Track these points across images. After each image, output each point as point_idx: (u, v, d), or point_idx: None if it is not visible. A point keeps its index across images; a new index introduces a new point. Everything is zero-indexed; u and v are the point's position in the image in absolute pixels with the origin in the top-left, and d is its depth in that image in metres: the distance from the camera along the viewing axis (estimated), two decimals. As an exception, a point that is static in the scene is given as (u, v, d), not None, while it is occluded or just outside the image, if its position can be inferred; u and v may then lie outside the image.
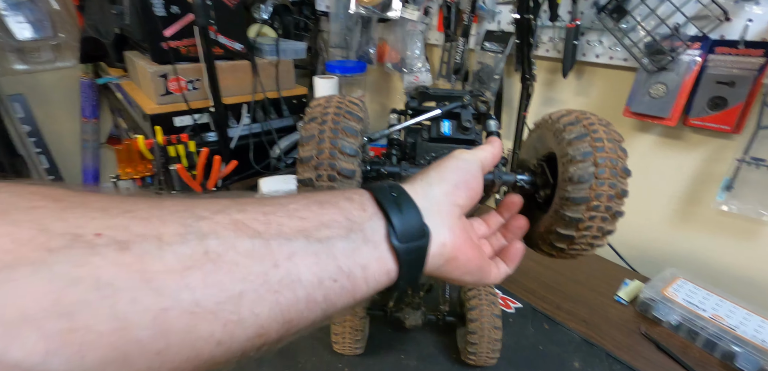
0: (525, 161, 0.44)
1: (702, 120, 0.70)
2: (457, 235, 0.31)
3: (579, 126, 0.35)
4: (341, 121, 0.36)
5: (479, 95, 0.46)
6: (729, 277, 0.76)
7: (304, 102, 1.37)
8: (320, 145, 0.35)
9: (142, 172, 1.02)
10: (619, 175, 0.33)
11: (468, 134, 0.42)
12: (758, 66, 0.64)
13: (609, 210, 0.33)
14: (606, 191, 0.33)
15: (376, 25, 1.25)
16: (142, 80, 1.23)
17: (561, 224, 0.35)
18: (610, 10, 0.74)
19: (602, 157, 0.33)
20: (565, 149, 0.35)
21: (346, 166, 0.35)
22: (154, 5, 1.05)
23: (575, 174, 0.33)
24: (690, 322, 0.66)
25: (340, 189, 0.30)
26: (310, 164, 0.35)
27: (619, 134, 0.35)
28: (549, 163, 0.39)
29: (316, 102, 0.39)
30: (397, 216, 0.27)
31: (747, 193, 0.69)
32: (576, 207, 0.34)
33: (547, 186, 0.38)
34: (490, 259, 0.37)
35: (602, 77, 0.85)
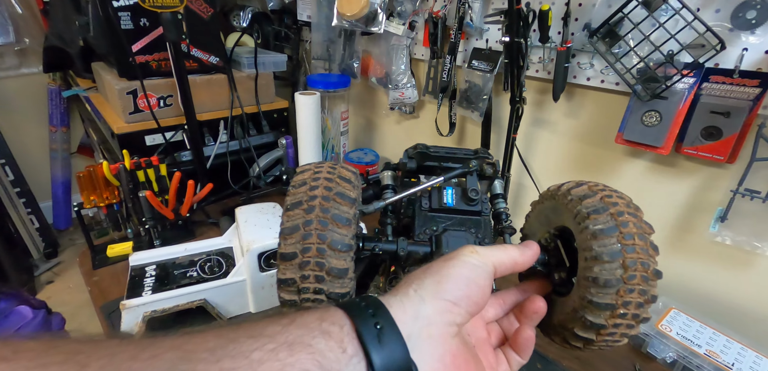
0: (535, 231, 0.40)
1: (696, 149, 0.68)
2: (448, 364, 0.27)
3: (606, 215, 0.30)
4: (331, 207, 0.30)
5: (486, 157, 0.42)
6: (722, 308, 0.75)
7: (286, 116, 1.31)
8: (306, 239, 0.29)
9: (108, 199, 0.95)
10: (650, 279, 0.29)
11: (474, 205, 0.38)
12: (754, 96, 0.63)
13: (636, 318, 0.29)
14: (635, 299, 0.29)
15: (359, 37, 1.20)
16: (109, 96, 1.15)
17: (580, 326, 0.31)
18: (602, 34, 0.72)
19: (632, 260, 0.29)
20: (589, 242, 0.30)
21: (338, 265, 0.30)
22: (120, 18, 0.98)
23: (601, 276, 0.29)
24: (685, 360, 0.64)
25: (316, 309, 0.26)
26: (294, 263, 0.30)
27: (649, 225, 0.31)
28: (563, 238, 0.35)
29: (300, 177, 0.33)
30: (378, 356, 0.23)
31: (741, 224, 0.67)
32: (599, 312, 0.30)
33: (562, 266, 0.34)
34: (496, 351, 0.33)
35: (593, 100, 0.82)
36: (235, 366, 0.19)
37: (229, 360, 0.20)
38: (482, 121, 0.95)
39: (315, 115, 1.10)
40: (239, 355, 0.20)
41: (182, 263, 0.83)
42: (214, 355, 0.20)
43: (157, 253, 0.83)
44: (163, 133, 1.08)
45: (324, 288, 0.30)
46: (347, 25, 1.08)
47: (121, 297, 0.72)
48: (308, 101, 1.08)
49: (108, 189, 0.96)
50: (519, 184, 1.00)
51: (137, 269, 0.80)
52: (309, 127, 1.11)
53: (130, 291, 0.74)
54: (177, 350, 0.19)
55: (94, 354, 0.18)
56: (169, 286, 0.75)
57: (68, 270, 2.16)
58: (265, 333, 0.22)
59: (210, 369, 0.19)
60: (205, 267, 0.82)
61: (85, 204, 0.93)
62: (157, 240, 0.97)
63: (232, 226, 0.92)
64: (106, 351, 0.18)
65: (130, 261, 0.81)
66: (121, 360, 0.18)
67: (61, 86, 2.01)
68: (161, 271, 0.79)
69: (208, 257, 0.85)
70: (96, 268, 0.91)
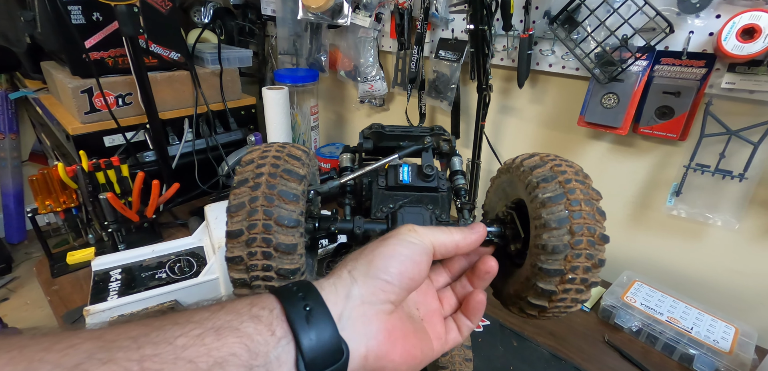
0: (494, 205, 0.41)
1: (651, 128, 0.72)
2: (382, 341, 0.27)
3: (554, 183, 0.31)
4: (278, 184, 0.30)
5: (441, 133, 0.42)
6: (681, 277, 0.80)
7: (254, 113, 1.29)
8: (252, 216, 0.29)
9: (66, 203, 0.90)
10: (597, 243, 0.30)
11: (430, 181, 0.38)
12: (700, 76, 0.67)
13: (584, 282, 0.30)
14: (582, 263, 0.30)
15: (326, 31, 1.19)
16: (62, 95, 1.09)
17: (532, 294, 0.32)
18: (561, 21, 0.74)
19: (579, 225, 0.30)
20: (538, 210, 0.31)
21: (285, 240, 0.29)
22: (70, 13, 0.93)
23: (549, 243, 0.30)
24: (649, 327, 0.68)
25: (249, 296, 0.25)
26: (241, 240, 0.29)
27: (597, 192, 0.32)
28: (519, 211, 0.36)
29: (248, 156, 0.33)
30: (307, 337, 0.23)
31: (694, 198, 0.71)
32: (549, 279, 0.31)
33: (518, 238, 0.35)
34: (446, 320, 0.34)
35: (557, 85, 0.85)
36: (157, 352, 0.19)
37: (151, 346, 0.19)
38: (451, 110, 0.97)
39: (284, 111, 1.09)
40: (162, 342, 0.20)
41: (150, 265, 0.80)
42: (136, 342, 0.19)
43: (122, 256, 0.80)
44: (123, 133, 1.03)
45: (272, 264, 0.29)
46: (313, 18, 1.07)
47: (85, 305, 0.69)
48: (276, 96, 1.06)
49: (65, 193, 0.91)
50: (489, 170, 1.03)
51: (101, 274, 0.76)
52: (278, 122, 1.09)
53: (93, 297, 0.70)
54: (97, 340, 0.19)
55: (4, 347, 0.17)
56: (136, 289, 0.72)
57: (24, 286, 2.04)
58: (193, 320, 0.22)
59: (130, 356, 0.18)
60: (175, 267, 0.80)
61: (40, 209, 0.88)
62: (121, 244, 0.93)
63: (202, 225, 0.90)
64: (18, 344, 0.18)
65: (92, 266, 0.77)
66: (34, 352, 0.17)
67: (8, 89, 1.88)
68: (127, 275, 0.76)
69: (177, 257, 0.82)
70: (55, 277, 0.86)
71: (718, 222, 0.70)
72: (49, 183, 0.89)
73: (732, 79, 0.63)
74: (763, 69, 0.61)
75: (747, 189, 0.67)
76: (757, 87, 0.62)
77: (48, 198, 0.89)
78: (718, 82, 0.66)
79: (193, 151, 1.15)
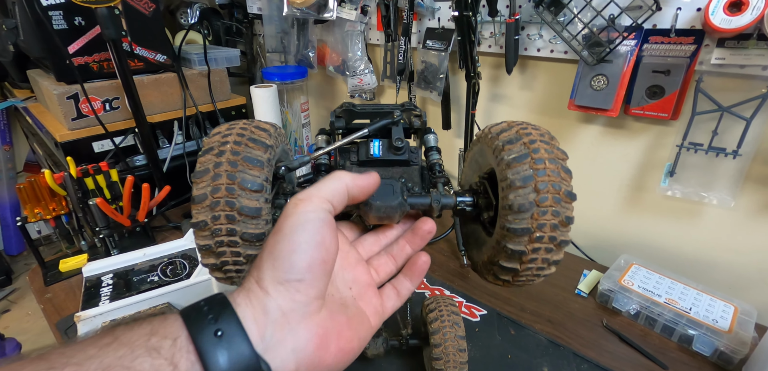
0: (469, 178, 0.41)
1: (642, 109, 0.71)
2: (314, 349, 0.25)
3: (519, 145, 0.31)
4: (243, 151, 0.30)
5: (412, 109, 0.42)
6: (678, 257, 0.79)
7: (244, 112, 1.28)
8: (216, 180, 0.29)
9: (55, 211, 0.90)
10: (563, 200, 0.30)
11: (401, 153, 0.38)
12: (690, 53, 0.66)
13: (553, 241, 0.30)
14: (549, 220, 0.29)
15: (313, 27, 1.18)
16: (49, 103, 1.08)
17: (503, 256, 0.32)
18: (547, 3, 0.73)
19: (544, 182, 0.30)
20: (504, 172, 0.31)
21: (249, 204, 0.29)
22: (51, 18, 0.91)
23: (515, 202, 0.30)
24: (647, 309, 0.68)
25: (149, 322, 0.22)
26: (205, 204, 0.29)
27: (562, 151, 0.32)
28: (491, 181, 0.35)
29: (216, 130, 0.33)
30: (218, 368, 0.21)
31: (688, 177, 0.71)
32: (517, 239, 0.30)
33: (491, 207, 0.35)
34: (381, 289, 0.33)
35: (545, 70, 0.84)
36: None
37: None
38: (441, 100, 0.96)
39: (274, 109, 1.08)
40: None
41: (142, 269, 0.79)
42: None
43: (113, 261, 0.79)
44: (112, 138, 1.02)
45: (236, 228, 0.29)
46: (299, 14, 1.06)
47: (77, 311, 0.68)
48: (265, 94, 1.05)
49: (54, 201, 0.90)
50: (481, 159, 1.02)
51: (92, 279, 0.76)
52: (268, 121, 1.08)
53: (85, 303, 0.70)
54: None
55: None
56: (128, 293, 0.72)
57: (25, 297, 2.03)
58: (73, 360, 0.19)
59: None
60: (167, 270, 0.79)
61: (30, 218, 0.87)
62: (114, 249, 0.92)
63: (193, 227, 0.89)
64: None
65: (83, 272, 0.77)
66: None
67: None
68: (119, 279, 0.76)
69: (170, 260, 0.81)
70: (48, 285, 0.86)
71: (714, 200, 0.69)
72: (37, 190, 0.88)
73: (721, 54, 0.62)
74: (752, 42, 0.60)
75: (741, 165, 0.66)
76: (747, 61, 0.61)
77: (37, 206, 0.89)
78: (707, 58, 0.64)
79: (184, 153, 1.14)
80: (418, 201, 0.34)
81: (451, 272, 0.83)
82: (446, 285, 0.78)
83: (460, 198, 0.36)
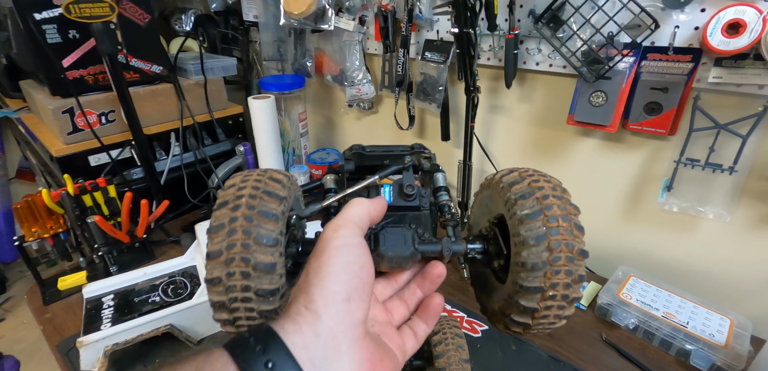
0: (478, 220, 0.41)
1: (640, 124, 0.72)
2: (362, 366, 0.25)
3: (531, 200, 0.31)
4: (258, 204, 0.30)
5: (421, 151, 0.42)
6: (675, 270, 0.80)
7: (241, 121, 1.27)
8: (231, 236, 0.29)
9: (53, 229, 0.89)
10: (576, 259, 0.30)
11: (412, 200, 0.37)
12: (687, 71, 0.67)
13: (566, 299, 0.30)
14: (562, 279, 0.30)
15: (310, 35, 1.17)
16: (43, 116, 1.06)
17: (515, 311, 0.32)
18: (546, 20, 0.73)
19: (557, 241, 0.30)
20: (517, 228, 0.31)
21: (264, 259, 0.29)
22: (45, 32, 0.90)
23: (528, 260, 0.30)
24: (645, 324, 0.69)
25: (195, 357, 0.22)
26: (220, 260, 0.29)
27: (574, 207, 0.32)
28: (502, 227, 0.36)
29: (230, 181, 0.33)
30: None
31: (685, 192, 0.72)
32: (530, 296, 0.30)
33: (501, 255, 0.35)
34: (399, 329, 0.33)
35: (544, 83, 0.85)
36: None
37: None
38: (440, 112, 0.96)
39: (271, 119, 1.07)
40: None
41: (143, 288, 0.79)
42: None
43: (113, 282, 0.79)
44: (108, 151, 1.01)
45: (251, 284, 0.29)
46: (296, 24, 1.05)
47: (79, 333, 0.68)
48: (263, 105, 1.05)
49: (51, 218, 0.89)
50: (481, 170, 1.02)
51: (93, 301, 0.75)
52: (266, 131, 1.08)
53: (86, 326, 0.69)
54: None
55: None
56: (130, 315, 0.72)
57: (20, 305, 2.02)
58: None
59: None
60: (169, 289, 0.79)
61: (27, 237, 0.86)
62: (113, 266, 0.92)
63: (195, 243, 0.89)
64: None
65: (83, 293, 0.76)
66: None
67: (-11, 108, 1.84)
68: (120, 300, 0.75)
69: (170, 279, 0.81)
70: (47, 304, 0.85)
71: (710, 215, 0.70)
72: (34, 209, 0.87)
73: (719, 73, 0.63)
74: (749, 62, 0.61)
75: (737, 181, 0.67)
76: (744, 80, 0.62)
77: (34, 224, 0.88)
78: (705, 76, 0.65)
79: (182, 165, 1.13)
80: (429, 248, 0.34)
81: (452, 285, 0.83)
82: (447, 300, 0.79)
83: (471, 246, 0.36)
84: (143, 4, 1.01)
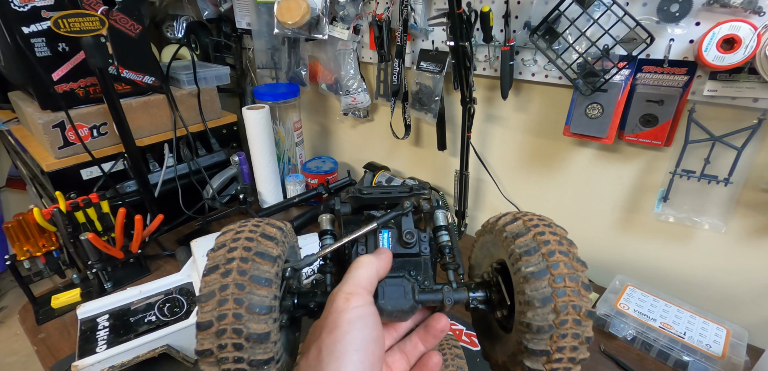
0: (480, 262, 0.40)
1: (636, 136, 0.72)
2: None
3: (537, 256, 0.30)
4: (250, 269, 0.29)
5: (421, 193, 0.41)
6: (671, 280, 0.81)
7: (236, 130, 1.25)
8: (222, 306, 0.28)
9: (46, 247, 0.88)
10: (583, 321, 0.29)
11: (411, 247, 0.36)
12: (683, 83, 0.67)
13: (572, 361, 0.29)
14: (569, 343, 0.29)
15: (304, 44, 1.16)
16: (33, 130, 1.05)
17: (520, 370, 0.31)
18: (541, 32, 0.73)
19: (564, 304, 0.29)
20: (522, 285, 0.30)
21: (257, 329, 0.28)
22: (34, 45, 0.88)
23: (533, 322, 0.29)
24: (643, 335, 0.69)
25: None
26: (210, 331, 0.28)
27: (581, 263, 0.31)
28: (504, 273, 0.35)
29: (221, 239, 0.31)
30: None
31: (681, 203, 0.72)
32: (536, 358, 0.30)
33: (504, 305, 0.34)
34: None
35: (540, 94, 0.84)
36: None
37: None
38: (436, 122, 0.96)
39: (266, 130, 1.06)
40: None
41: (138, 308, 0.78)
42: None
43: (108, 301, 0.77)
44: (100, 165, 1.00)
45: (244, 356, 0.28)
46: (290, 33, 1.04)
47: (73, 355, 0.67)
48: (257, 116, 1.04)
49: (43, 236, 0.88)
50: (478, 179, 1.02)
51: (87, 322, 0.74)
52: (261, 142, 1.07)
53: (81, 349, 0.68)
54: None
55: None
56: (126, 337, 0.71)
57: (13, 316, 2.00)
58: None
59: None
60: (165, 308, 0.78)
61: (19, 256, 0.85)
62: (108, 282, 0.91)
63: (190, 260, 0.88)
64: None
65: (78, 314, 0.75)
66: None
67: (-23, 117, 1.81)
68: (115, 321, 0.74)
69: (167, 297, 0.80)
70: (41, 323, 0.84)
71: (706, 225, 0.71)
72: (25, 228, 0.86)
73: (714, 86, 0.63)
74: (744, 76, 0.61)
75: (733, 192, 0.68)
76: (739, 93, 0.62)
77: (26, 243, 0.86)
78: (700, 89, 0.65)
79: (176, 177, 1.12)
80: (430, 297, 0.34)
81: (450, 297, 0.83)
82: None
83: (473, 295, 0.35)
84: (134, 15, 1.00)
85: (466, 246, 0.91)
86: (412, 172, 1.18)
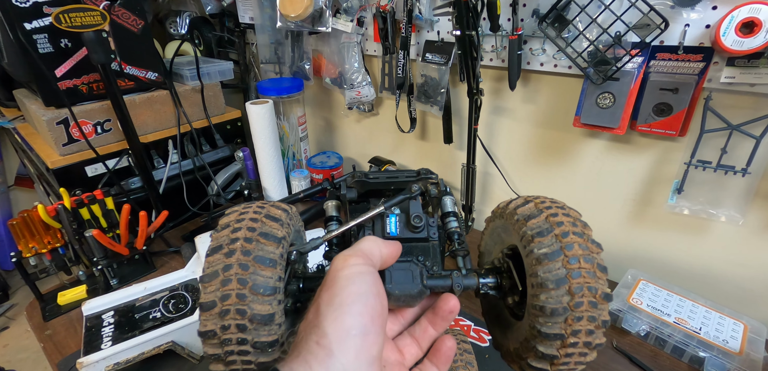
0: (490, 249, 0.39)
1: (649, 126, 0.70)
2: None
3: (550, 237, 0.29)
4: (254, 249, 0.28)
5: (428, 177, 0.40)
6: (686, 273, 0.78)
7: (240, 126, 1.25)
8: (225, 286, 0.27)
9: (51, 244, 0.87)
10: (599, 304, 0.27)
11: (419, 231, 0.35)
12: (698, 70, 0.64)
13: (588, 346, 0.28)
14: (584, 326, 0.27)
15: (308, 37, 1.15)
16: (38, 127, 1.05)
17: (533, 357, 0.30)
18: (551, 19, 0.71)
19: (579, 285, 0.27)
20: (534, 267, 0.29)
21: (261, 310, 0.27)
22: (36, 42, 0.88)
23: (547, 305, 0.28)
24: (657, 330, 0.67)
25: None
26: (214, 312, 0.27)
27: (596, 244, 0.29)
28: (515, 258, 0.33)
29: (225, 220, 0.31)
30: None
31: (696, 194, 0.70)
32: (550, 343, 0.28)
33: (515, 290, 0.33)
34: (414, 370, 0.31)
35: (549, 84, 0.82)
36: None
37: None
38: (442, 115, 0.94)
39: (270, 124, 1.05)
40: None
41: (143, 304, 0.77)
42: None
43: (113, 298, 0.77)
44: (104, 162, 1.00)
45: (247, 337, 0.27)
46: (293, 27, 1.03)
47: (79, 352, 0.67)
48: (261, 110, 1.03)
49: (49, 233, 0.88)
50: (485, 172, 1.00)
51: (93, 319, 0.74)
52: (266, 137, 1.06)
53: (86, 346, 0.68)
54: None
55: None
56: (131, 333, 0.70)
57: (23, 313, 2.01)
58: None
59: None
60: (170, 304, 0.77)
61: (24, 253, 0.85)
62: (113, 279, 0.91)
63: (195, 256, 0.87)
64: None
65: (83, 310, 0.75)
66: None
67: (-15, 116, 1.82)
68: (121, 317, 0.74)
69: (172, 293, 0.80)
70: (47, 320, 0.84)
71: (722, 217, 0.69)
72: (30, 225, 0.86)
73: (731, 73, 0.61)
74: (763, 61, 0.58)
75: (750, 183, 0.65)
76: (758, 80, 0.60)
77: (31, 240, 0.86)
78: (717, 76, 0.63)
79: (180, 173, 1.11)
80: (439, 283, 0.32)
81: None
82: (453, 308, 0.78)
83: (483, 280, 0.34)
84: (137, 10, 0.99)
85: (474, 242, 0.90)
86: (417, 165, 1.16)
